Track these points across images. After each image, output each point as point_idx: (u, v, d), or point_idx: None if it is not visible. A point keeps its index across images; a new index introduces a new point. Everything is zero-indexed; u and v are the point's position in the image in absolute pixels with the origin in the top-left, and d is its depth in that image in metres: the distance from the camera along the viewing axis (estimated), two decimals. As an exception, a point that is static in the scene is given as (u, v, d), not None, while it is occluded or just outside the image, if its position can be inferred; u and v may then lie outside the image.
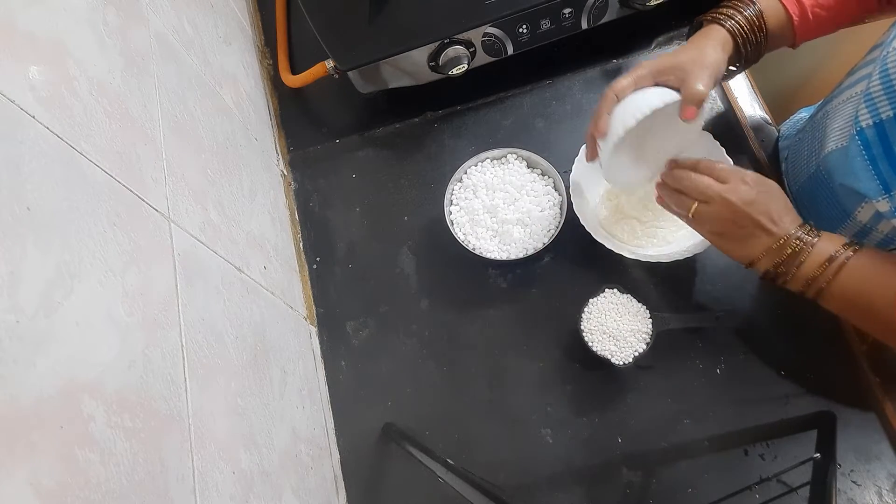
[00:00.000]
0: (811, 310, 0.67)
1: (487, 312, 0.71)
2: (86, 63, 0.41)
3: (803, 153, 0.68)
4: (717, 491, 0.61)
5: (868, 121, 0.53)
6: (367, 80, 0.77)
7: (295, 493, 0.55)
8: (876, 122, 0.53)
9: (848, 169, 0.57)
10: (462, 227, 0.71)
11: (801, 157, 0.69)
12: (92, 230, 0.36)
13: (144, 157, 0.45)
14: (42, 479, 0.28)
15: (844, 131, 0.58)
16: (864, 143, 0.54)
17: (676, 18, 0.82)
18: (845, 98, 0.60)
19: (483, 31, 0.72)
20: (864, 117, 0.54)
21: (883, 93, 0.51)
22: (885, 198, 0.54)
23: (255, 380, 0.54)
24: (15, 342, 0.28)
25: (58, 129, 0.36)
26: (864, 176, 0.55)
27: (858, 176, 0.56)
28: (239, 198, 0.62)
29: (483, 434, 0.66)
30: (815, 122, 0.66)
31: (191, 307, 0.45)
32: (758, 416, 0.63)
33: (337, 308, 0.74)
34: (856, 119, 0.55)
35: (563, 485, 0.64)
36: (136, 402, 0.36)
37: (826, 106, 0.64)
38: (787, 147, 0.74)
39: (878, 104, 0.52)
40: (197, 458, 0.41)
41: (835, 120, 0.61)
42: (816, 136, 0.65)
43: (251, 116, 0.75)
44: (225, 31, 0.75)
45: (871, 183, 0.54)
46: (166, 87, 0.53)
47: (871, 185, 0.55)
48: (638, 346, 0.63)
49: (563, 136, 0.78)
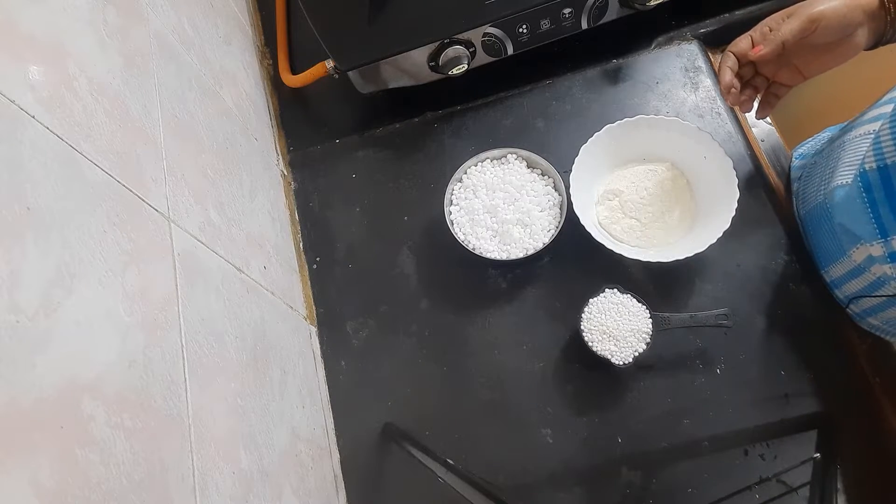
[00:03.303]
0: (811, 309, 0.67)
1: (487, 312, 0.71)
2: (86, 63, 0.41)
3: (814, 179, 0.68)
4: (717, 491, 0.61)
5: (872, 164, 0.53)
6: (367, 80, 0.77)
7: (295, 493, 0.55)
8: (880, 165, 0.52)
9: (847, 209, 0.57)
10: (462, 227, 0.71)
11: (812, 183, 0.68)
12: (92, 230, 0.36)
13: (144, 157, 0.45)
14: (42, 479, 0.28)
15: (851, 169, 0.57)
16: (866, 186, 0.54)
17: (676, 18, 0.82)
18: (861, 133, 0.59)
19: (483, 31, 0.72)
20: (868, 160, 0.53)
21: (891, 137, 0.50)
22: (880, 242, 0.54)
23: (255, 380, 0.54)
24: (15, 342, 0.28)
25: (58, 129, 0.36)
26: (861, 218, 0.55)
27: (856, 217, 0.55)
28: (239, 198, 0.62)
29: (483, 434, 0.66)
30: (832, 150, 0.65)
31: (191, 307, 0.45)
32: (758, 416, 0.63)
33: (337, 308, 0.74)
34: (862, 160, 0.54)
35: (563, 485, 0.64)
36: (136, 402, 0.36)
37: (844, 136, 0.63)
38: (802, 167, 0.73)
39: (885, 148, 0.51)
40: (197, 458, 0.41)
41: (846, 154, 0.60)
42: (829, 164, 0.64)
43: (251, 116, 0.75)
44: (225, 31, 0.75)
45: (868, 226, 0.54)
46: (166, 87, 0.53)
47: (868, 228, 0.54)
48: (638, 346, 0.63)
49: (563, 136, 0.78)
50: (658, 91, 0.79)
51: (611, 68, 0.81)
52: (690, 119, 0.76)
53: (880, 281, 0.58)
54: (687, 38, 0.82)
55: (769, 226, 0.71)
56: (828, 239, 0.64)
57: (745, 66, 0.63)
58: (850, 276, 0.62)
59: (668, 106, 0.78)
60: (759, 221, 0.71)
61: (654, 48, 0.82)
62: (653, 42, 0.82)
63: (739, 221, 0.64)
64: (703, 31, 0.82)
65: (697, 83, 0.79)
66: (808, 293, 0.67)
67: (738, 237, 0.67)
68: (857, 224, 0.56)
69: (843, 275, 0.63)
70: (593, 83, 0.81)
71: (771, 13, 0.61)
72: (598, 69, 0.82)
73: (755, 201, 0.71)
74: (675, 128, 0.70)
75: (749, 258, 0.69)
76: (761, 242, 0.70)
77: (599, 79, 0.81)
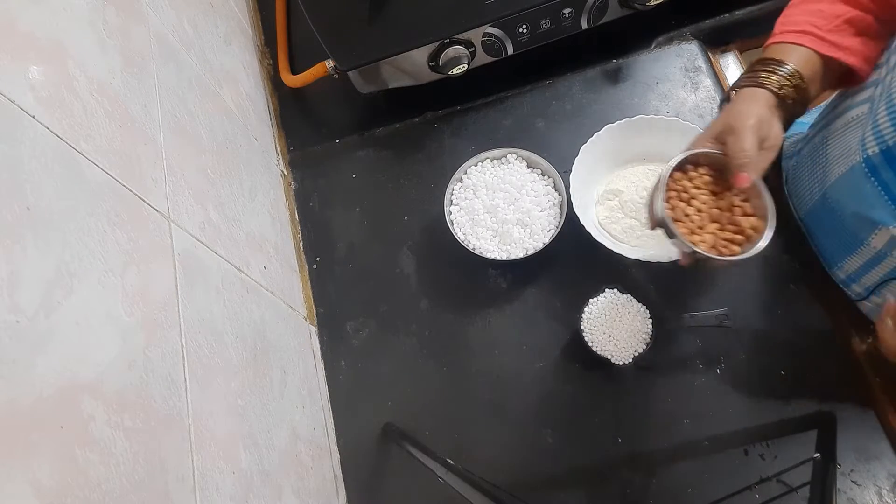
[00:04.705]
0: (811, 309, 0.67)
1: (487, 312, 0.71)
2: (86, 63, 0.41)
3: (804, 178, 0.67)
4: (717, 491, 0.61)
5: (875, 148, 0.52)
6: (367, 80, 0.77)
7: (295, 493, 0.55)
8: (883, 148, 0.51)
9: (860, 197, 0.56)
10: (462, 227, 0.71)
11: (803, 182, 0.68)
12: (92, 230, 0.36)
13: (144, 157, 0.45)
14: (42, 479, 0.28)
15: (850, 158, 0.56)
16: (872, 170, 0.53)
17: (676, 18, 0.82)
18: (847, 122, 0.58)
19: (483, 31, 0.72)
20: (870, 145, 0.53)
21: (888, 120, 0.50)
22: None
23: (255, 380, 0.54)
24: (15, 342, 0.28)
25: (58, 129, 0.36)
26: (876, 203, 0.54)
27: (871, 203, 0.55)
28: (239, 198, 0.62)
29: (483, 434, 0.66)
30: (815, 147, 0.65)
31: (191, 307, 0.45)
32: (758, 416, 0.63)
33: (337, 308, 0.74)
34: (862, 146, 0.54)
35: (562, 485, 0.64)
36: (136, 402, 0.36)
37: (824, 130, 0.63)
38: (786, 168, 0.73)
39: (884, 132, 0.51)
40: (197, 458, 0.41)
41: (837, 146, 0.59)
42: (818, 161, 0.63)
43: (251, 116, 0.75)
44: (225, 31, 0.75)
45: (886, 208, 0.53)
46: (166, 87, 0.53)
47: (886, 210, 0.54)
48: (638, 346, 0.63)
49: (563, 136, 0.78)
50: (658, 91, 0.79)
51: (611, 68, 0.81)
52: (690, 119, 0.76)
53: None
54: (687, 38, 0.82)
55: (769, 226, 0.71)
56: (836, 234, 0.63)
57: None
58: (871, 265, 0.61)
59: (668, 106, 0.78)
60: (759, 221, 0.71)
61: (654, 48, 0.82)
62: (653, 42, 0.82)
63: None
64: (703, 31, 0.82)
65: (697, 83, 0.79)
66: (808, 293, 0.67)
67: (738, 237, 0.67)
68: (873, 209, 0.55)
69: (862, 266, 0.62)
70: (593, 83, 0.81)
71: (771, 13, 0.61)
72: (598, 69, 0.82)
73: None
74: (676, 128, 0.70)
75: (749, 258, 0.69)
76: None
77: (599, 79, 0.81)
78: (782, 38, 0.57)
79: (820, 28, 0.55)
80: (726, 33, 0.82)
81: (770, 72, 0.55)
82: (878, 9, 0.55)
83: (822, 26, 0.55)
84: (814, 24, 0.55)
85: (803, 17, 0.57)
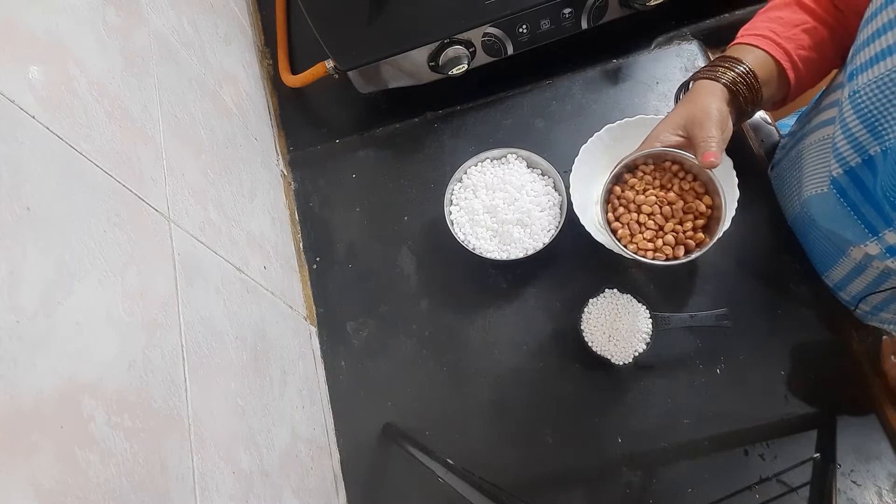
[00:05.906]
0: (811, 309, 0.67)
1: (487, 312, 0.71)
2: (86, 63, 0.41)
3: (785, 189, 0.69)
4: (717, 491, 0.61)
5: (839, 170, 0.54)
6: (367, 80, 0.77)
7: (295, 493, 0.55)
8: (846, 170, 0.53)
9: (830, 216, 0.57)
10: (462, 227, 0.71)
11: (784, 193, 0.69)
12: (92, 230, 0.36)
13: (144, 157, 0.45)
14: (42, 479, 0.28)
15: (821, 177, 0.58)
16: (840, 191, 0.55)
17: (676, 18, 0.82)
18: (816, 140, 0.60)
19: (483, 31, 0.72)
20: (834, 167, 0.54)
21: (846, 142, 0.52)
22: (874, 241, 0.54)
23: (255, 380, 0.54)
24: (15, 342, 0.28)
25: (58, 129, 0.36)
26: (847, 222, 0.55)
27: (841, 223, 0.56)
28: (239, 198, 0.62)
29: (483, 434, 0.66)
30: (792, 159, 0.66)
31: (191, 307, 0.45)
32: (758, 416, 0.63)
33: (337, 308, 0.74)
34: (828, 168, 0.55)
35: (562, 485, 0.64)
36: (136, 402, 0.36)
37: (800, 144, 0.64)
38: (771, 176, 0.73)
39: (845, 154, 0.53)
40: (197, 458, 0.41)
41: (808, 163, 0.61)
42: (794, 174, 0.65)
43: (251, 116, 0.75)
44: (225, 31, 0.75)
45: (855, 228, 0.54)
46: (166, 87, 0.53)
47: (856, 230, 0.54)
48: (638, 346, 0.63)
49: (563, 136, 0.78)
50: (658, 91, 0.79)
51: (611, 68, 0.81)
52: (690, 119, 0.76)
53: (884, 275, 0.58)
54: (687, 38, 0.82)
55: (769, 225, 0.71)
56: (820, 244, 0.64)
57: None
58: (854, 275, 0.62)
59: (668, 106, 0.78)
60: (758, 221, 0.71)
61: (654, 48, 0.82)
62: (653, 42, 0.82)
63: (739, 221, 0.64)
64: (703, 31, 0.82)
65: (697, 83, 0.79)
66: (808, 293, 0.67)
67: (738, 237, 0.67)
68: (844, 229, 0.56)
69: (846, 275, 0.63)
70: (593, 83, 0.81)
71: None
72: (598, 69, 0.81)
73: (755, 201, 0.71)
74: (675, 128, 0.70)
75: (749, 258, 0.69)
76: (761, 242, 0.70)
77: (599, 79, 0.81)
78: (742, 40, 0.61)
79: (778, 34, 0.59)
80: (726, 33, 0.82)
81: (727, 68, 0.59)
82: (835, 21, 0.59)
83: (781, 33, 0.59)
84: (772, 30, 0.60)
85: (765, 23, 0.61)
